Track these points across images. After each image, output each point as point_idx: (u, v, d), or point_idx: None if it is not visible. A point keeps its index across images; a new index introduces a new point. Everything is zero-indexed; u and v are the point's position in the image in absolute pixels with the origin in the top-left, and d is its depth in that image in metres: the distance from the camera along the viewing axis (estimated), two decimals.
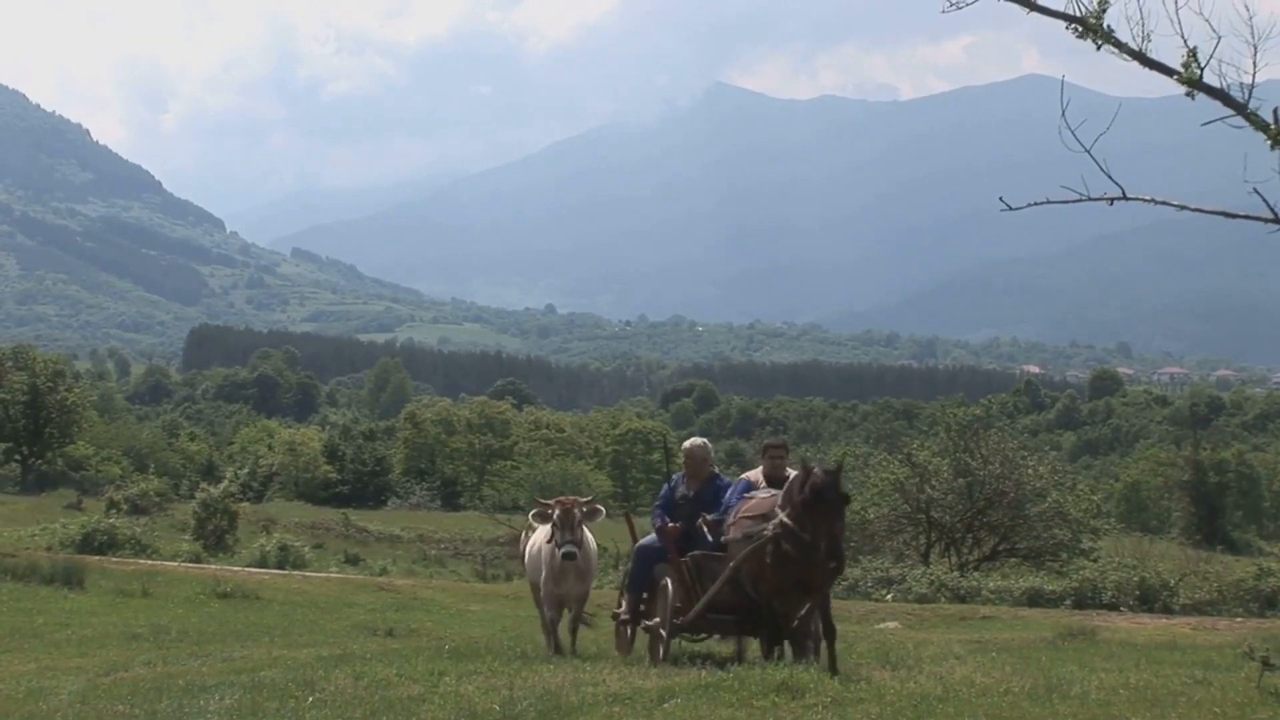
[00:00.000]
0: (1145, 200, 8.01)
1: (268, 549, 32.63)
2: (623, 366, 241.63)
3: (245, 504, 44.22)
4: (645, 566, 11.79)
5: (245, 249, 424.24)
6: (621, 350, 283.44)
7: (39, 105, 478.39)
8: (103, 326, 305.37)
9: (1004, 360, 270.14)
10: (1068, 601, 23.57)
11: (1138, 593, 24.02)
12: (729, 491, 11.39)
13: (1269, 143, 7.22)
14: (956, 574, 26.61)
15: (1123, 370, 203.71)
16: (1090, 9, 7.34)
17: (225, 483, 38.17)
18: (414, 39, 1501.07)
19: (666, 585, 11.16)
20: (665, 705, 9.00)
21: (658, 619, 11.24)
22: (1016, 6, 7.64)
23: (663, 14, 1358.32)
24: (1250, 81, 7.32)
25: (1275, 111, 7.26)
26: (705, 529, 11.16)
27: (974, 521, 31.50)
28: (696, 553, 11.12)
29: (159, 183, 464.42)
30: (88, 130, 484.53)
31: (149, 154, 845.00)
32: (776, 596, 10.25)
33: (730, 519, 10.76)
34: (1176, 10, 7.17)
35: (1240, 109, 7.37)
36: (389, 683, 10.40)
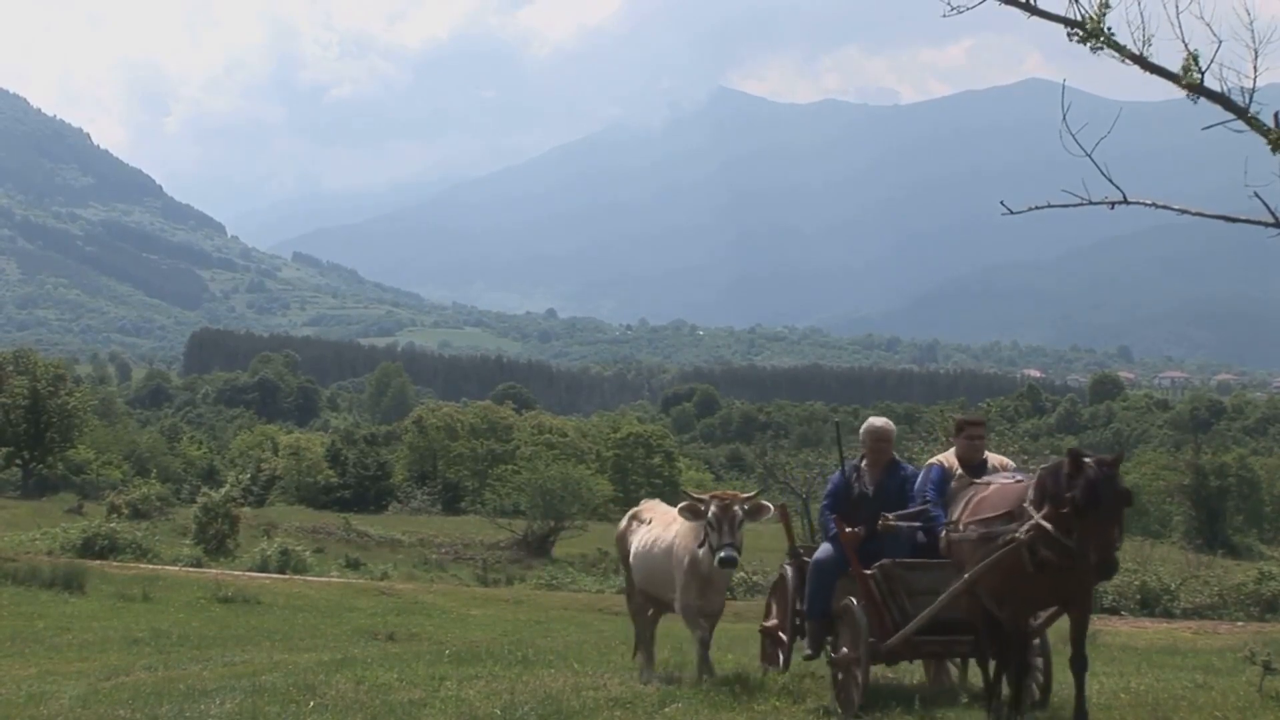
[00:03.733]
0: (1146, 204, 8.02)
1: (268, 553, 32.64)
2: (623, 370, 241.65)
3: (246, 508, 44.23)
4: (827, 584, 9.47)
5: (246, 253, 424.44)
6: (622, 354, 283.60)
7: (40, 109, 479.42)
8: (103, 331, 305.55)
9: (1005, 364, 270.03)
10: None
11: (1139, 597, 24.04)
12: (918, 481, 9.50)
13: (1270, 147, 7.23)
14: None
15: (1124, 374, 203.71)
16: (1090, 13, 7.35)
17: (226, 487, 38.20)
18: (416, 42, 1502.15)
19: (853, 607, 8.89)
20: (666, 709, 8.99)
21: (846, 650, 8.88)
22: (1019, 10, 7.65)
23: (665, 17, 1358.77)
24: (1251, 86, 7.32)
25: (1276, 115, 7.26)
26: (889, 528, 9.17)
27: None
28: (885, 562, 9.04)
29: (160, 187, 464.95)
30: (88, 134, 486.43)
31: (150, 158, 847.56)
32: (1022, 613, 8.24)
33: (957, 514, 8.67)
34: (1177, 14, 7.18)
35: (1241, 113, 7.37)
36: (390, 687, 10.40)
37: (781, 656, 10.07)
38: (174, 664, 13.74)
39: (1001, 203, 8.10)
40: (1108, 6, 7.27)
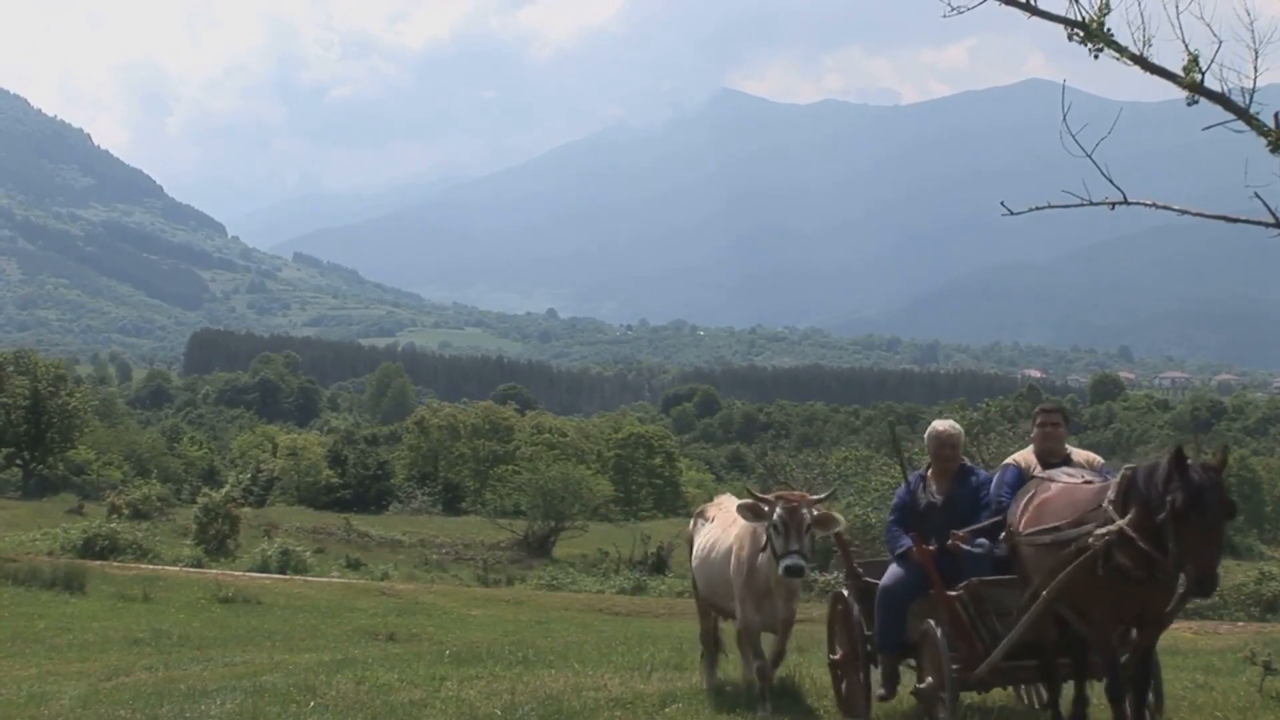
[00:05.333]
0: (1147, 205, 8.02)
1: (269, 554, 32.66)
2: (624, 371, 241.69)
3: (246, 509, 44.27)
4: (900, 612, 8.38)
5: (246, 253, 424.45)
6: (623, 355, 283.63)
7: (40, 110, 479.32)
8: (104, 331, 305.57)
9: (1005, 365, 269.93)
10: None
11: None
12: (992, 485, 8.41)
13: (1269, 147, 7.22)
14: None
15: (1124, 375, 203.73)
16: (1091, 14, 7.35)
17: (226, 487, 38.25)
18: (418, 43, 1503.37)
19: (934, 632, 7.90)
20: (667, 710, 8.99)
21: (930, 679, 7.94)
22: (1019, 11, 7.65)
23: (666, 18, 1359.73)
24: (1251, 86, 7.32)
25: (1276, 116, 7.26)
26: (962, 543, 8.11)
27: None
28: (973, 580, 7.95)
29: (160, 187, 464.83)
30: (89, 135, 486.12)
31: (151, 158, 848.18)
32: (1109, 627, 7.26)
33: (1016, 517, 7.75)
34: (1178, 15, 7.17)
35: (1241, 113, 7.37)
36: (390, 687, 10.40)
37: (863, 697, 8.67)
38: (174, 664, 13.75)
39: (1002, 203, 8.09)
40: (1108, 8, 7.26)
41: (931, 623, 7.95)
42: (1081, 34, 7.35)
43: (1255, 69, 7.24)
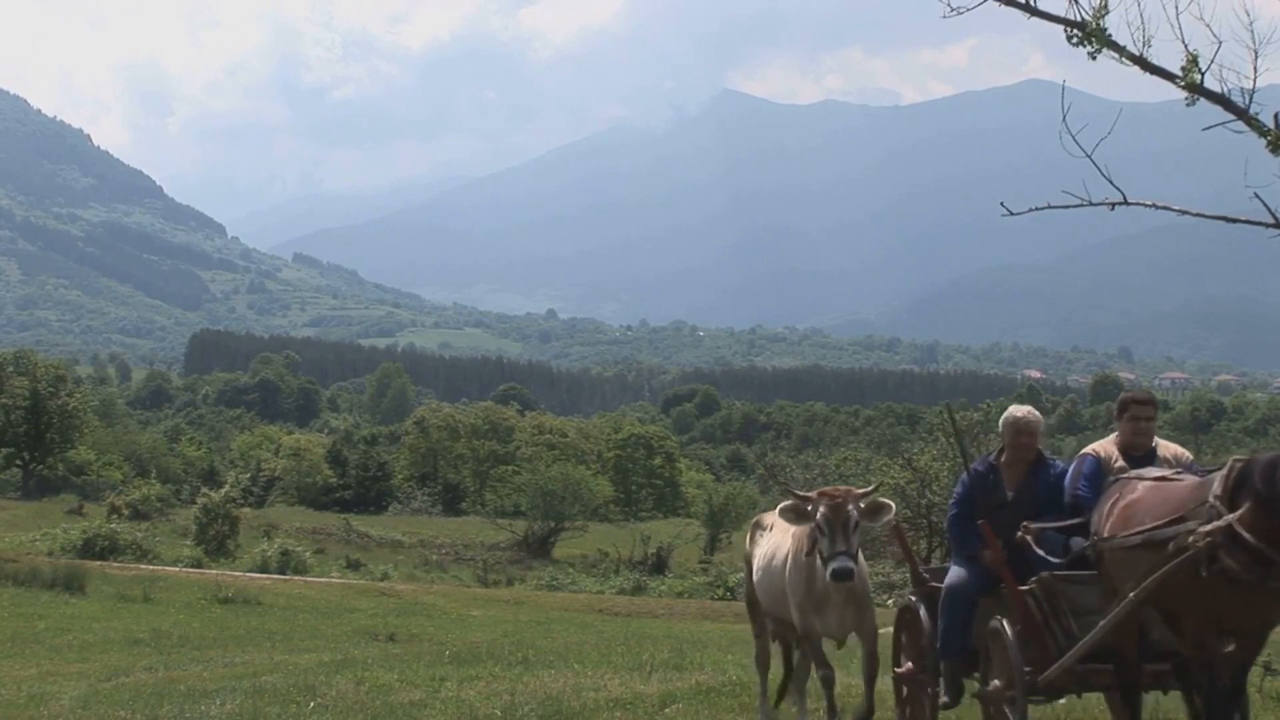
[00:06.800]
0: (1146, 205, 8.02)
1: (269, 554, 32.70)
2: (624, 371, 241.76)
3: (246, 509, 44.30)
4: (963, 613, 7.77)
5: (246, 254, 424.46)
6: (623, 355, 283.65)
7: (40, 110, 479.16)
8: (104, 331, 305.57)
9: (1005, 365, 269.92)
10: None
11: None
12: (1068, 477, 7.63)
13: (1269, 148, 7.22)
14: None
15: (1124, 375, 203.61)
16: (1090, 15, 7.35)
17: (226, 488, 38.28)
18: (419, 43, 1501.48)
19: (1003, 630, 7.25)
20: (666, 710, 8.98)
21: (996, 682, 7.33)
22: (1019, 11, 7.65)
23: (667, 18, 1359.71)
24: (1251, 86, 7.32)
25: (1276, 116, 7.25)
26: (1033, 541, 7.34)
27: None
28: (1045, 574, 7.23)
29: (160, 188, 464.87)
30: (89, 135, 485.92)
31: (151, 159, 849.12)
32: (1207, 637, 6.57)
33: (1102, 515, 7.00)
34: (1177, 15, 7.17)
35: (1241, 114, 7.37)
36: (390, 688, 10.40)
37: (928, 710, 8.11)
38: (174, 665, 13.75)
39: (1002, 204, 8.09)
40: (1106, 9, 7.26)
41: (1001, 620, 7.33)
42: (1080, 35, 7.36)
43: (1255, 69, 7.24)
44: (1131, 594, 6.51)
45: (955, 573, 7.85)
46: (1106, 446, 7.67)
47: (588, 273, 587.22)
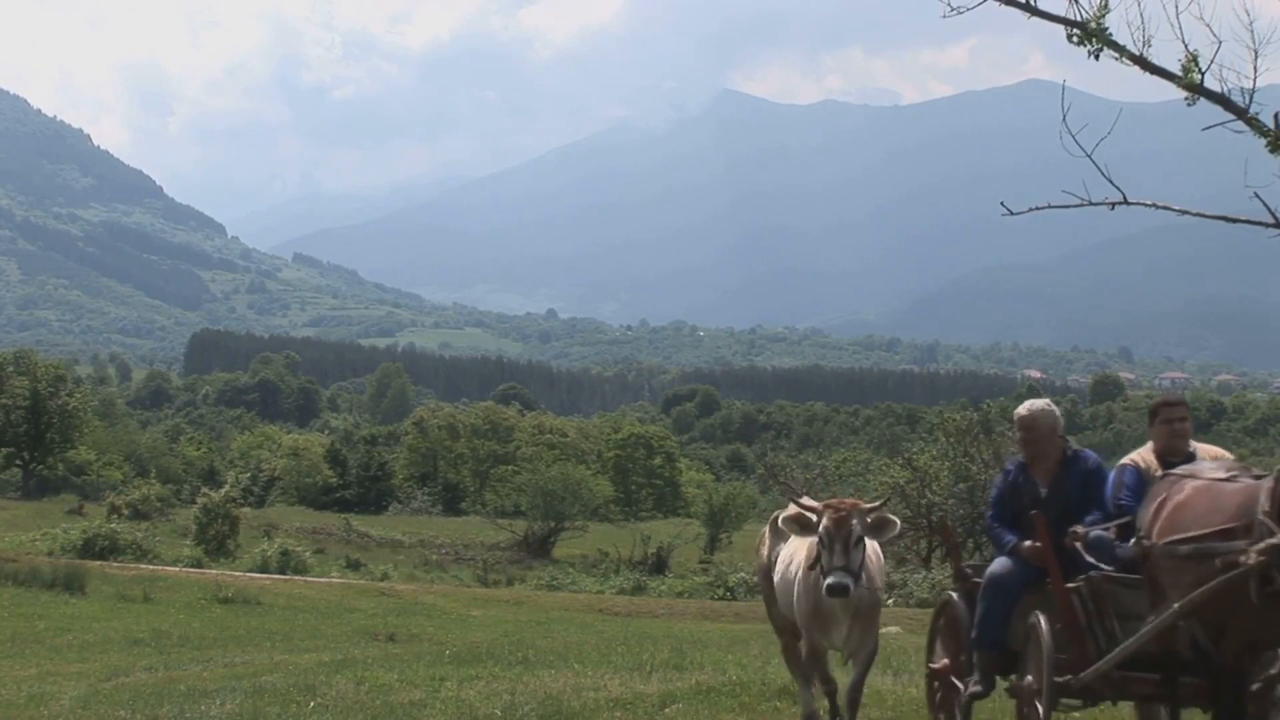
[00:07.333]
0: (1146, 205, 8.02)
1: (269, 554, 32.71)
2: (624, 371, 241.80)
3: (246, 509, 44.32)
4: (1003, 605, 7.63)
5: (246, 254, 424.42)
6: (623, 355, 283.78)
7: (40, 110, 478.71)
8: (104, 331, 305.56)
9: (1005, 365, 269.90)
10: None
11: None
12: (1109, 486, 7.60)
13: (1269, 148, 7.22)
14: None
15: (1124, 375, 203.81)
16: (1090, 14, 7.35)
17: (226, 488, 38.31)
18: (419, 43, 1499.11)
19: (1040, 625, 7.13)
20: (666, 710, 8.99)
21: (1030, 677, 7.20)
22: (1019, 11, 7.65)
23: (668, 18, 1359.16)
24: (1251, 86, 7.31)
25: (1276, 116, 7.25)
26: (1075, 539, 7.22)
27: (975, 526, 31.48)
28: (1094, 574, 7.08)
29: (160, 188, 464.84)
30: (89, 135, 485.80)
31: (151, 159, 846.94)
32: (1248, 653, 6.41)
33: (1147, 521, 6.76)
34: (1177, 15, 7.17)
35: (1241, 114, 7.36)
36: (390, 688, 10.41)
37: (958, 707, 7.93)
38: (174, 665, 13.75)
39: (1002, 203, 8.08)
40: (1107, 8, 7.26)
41: (1040, 615, 7.17)
42: (1080, 34, 7.36)
43: (1255, 69, 7.23)
44: (1176, 605, 6.29)
45: (1000, 562, 7.73)
46: (1145, 456, 7.55)
47: (588, 273, 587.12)
